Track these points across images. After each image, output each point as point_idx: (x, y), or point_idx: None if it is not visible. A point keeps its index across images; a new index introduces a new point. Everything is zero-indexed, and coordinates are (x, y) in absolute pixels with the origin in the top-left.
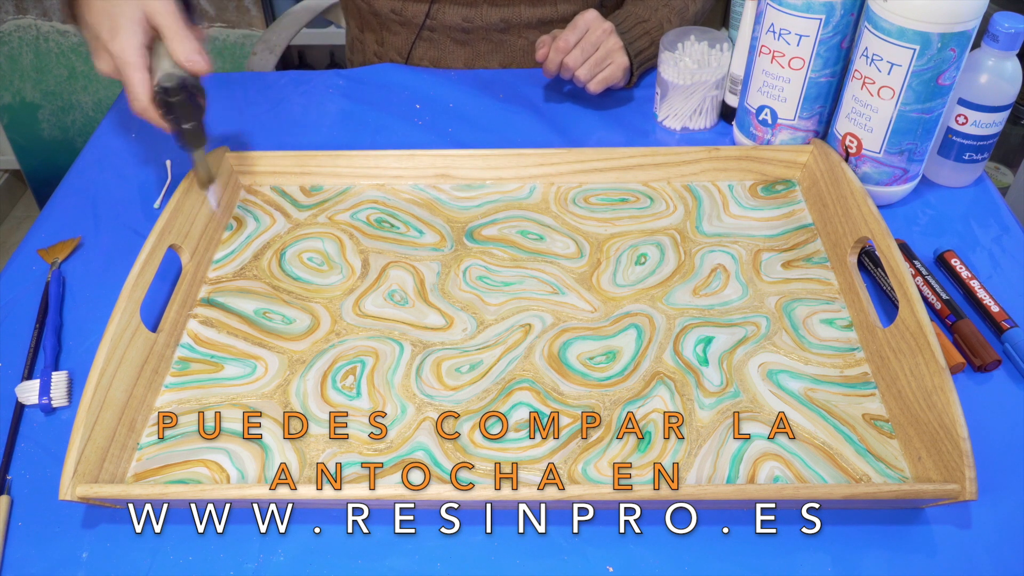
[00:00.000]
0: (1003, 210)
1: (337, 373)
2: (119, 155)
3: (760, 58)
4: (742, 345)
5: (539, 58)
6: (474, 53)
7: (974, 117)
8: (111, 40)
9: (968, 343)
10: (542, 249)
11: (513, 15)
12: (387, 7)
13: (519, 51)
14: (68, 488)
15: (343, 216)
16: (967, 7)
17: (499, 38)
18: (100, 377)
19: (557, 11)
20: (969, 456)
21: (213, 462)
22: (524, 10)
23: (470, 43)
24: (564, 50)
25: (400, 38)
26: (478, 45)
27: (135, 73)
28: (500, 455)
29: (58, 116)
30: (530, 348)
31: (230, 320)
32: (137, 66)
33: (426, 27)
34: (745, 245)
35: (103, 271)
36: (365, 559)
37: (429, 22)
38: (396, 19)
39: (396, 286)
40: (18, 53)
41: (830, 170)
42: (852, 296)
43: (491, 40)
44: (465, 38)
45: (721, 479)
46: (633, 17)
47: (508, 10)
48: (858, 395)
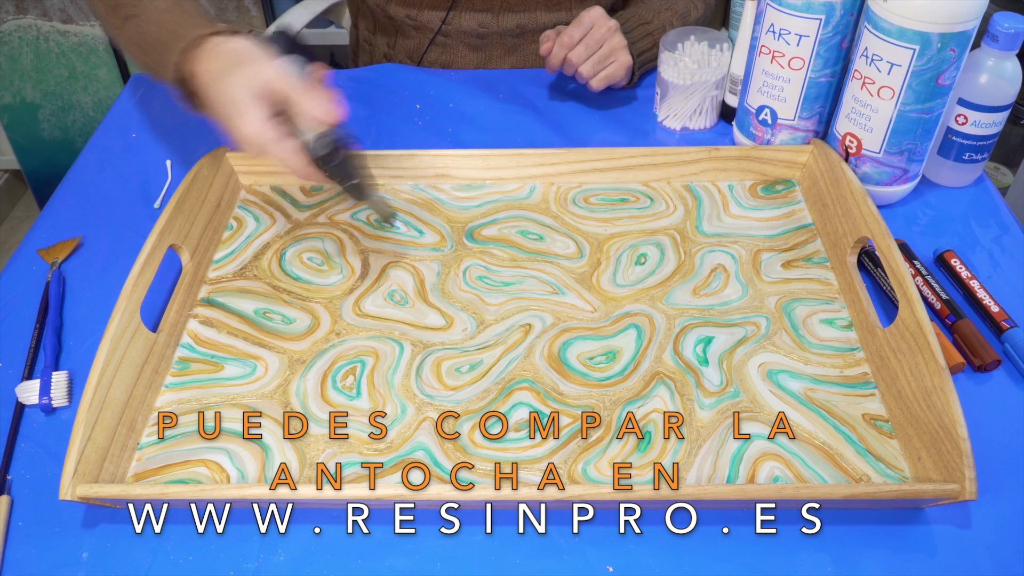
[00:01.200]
0: (1003, 210)
1: (337, 373)
2: (119, 155)
3: (760, 58)
4: (742, 345)
5: (543, 52)
6: (486, 57)
7: (974, 117)
8: (240, 125)
9: (968, 343)
10: (542, 249)
11: (529, 21)
12: (402, 12)
13: (531, 55)
14: (68, 488)
15: (343, 216)
16: (967, 7)
17: (512, 43)
18: (100, 377)
19: (572, 16)
20: (969, 456)
21: (213, 462)
22: (541, 15)
23: (483, 48)
24: (568, 45)
25: (413, 42)
26: (491, 50)
27: (277, 147)
28: (500, 455)
29: (58, 116)
30: (530, 348)
31: (230, 320)
32: (275, 140)
33: (441, 32)
34: (745, 245)
35: (103, 271)
36: (365, 559)
37: (444, 27)
38: (411, 24)
39: (396, 286)
40: (18, 53)
41: (830, 170)
42: (852, 296)
43: (504, 45)
44: (479, 43)
45: (721, 479)
46: (636, 18)
47: (524, 16)
48: (858, 395)
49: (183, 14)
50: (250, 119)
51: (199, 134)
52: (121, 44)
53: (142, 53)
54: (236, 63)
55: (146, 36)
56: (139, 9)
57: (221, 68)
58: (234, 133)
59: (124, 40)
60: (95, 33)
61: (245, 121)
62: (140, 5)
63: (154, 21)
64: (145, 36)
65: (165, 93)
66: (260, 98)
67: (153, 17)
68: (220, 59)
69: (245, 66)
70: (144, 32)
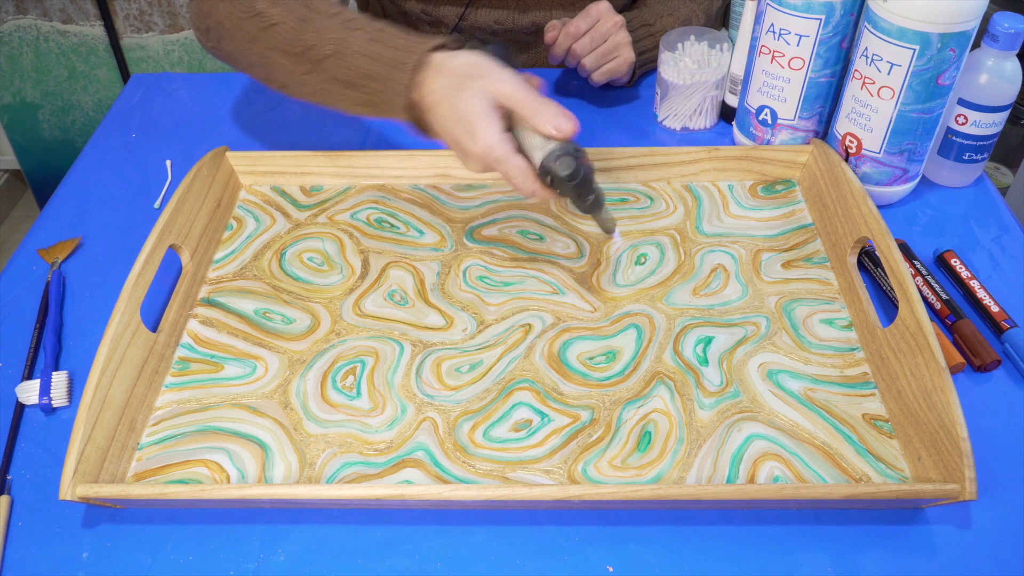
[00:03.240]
0: (1003, 210)
1: (337, 373)
2: (119, 155)
3: (760, 58)
4: (742, 345)
5: (547, 40)
6: None
7: (974, 117)
8: (472, 141)
9: (968, 343)
10: (542, 249)
11: (545, 19)
12: (418, 7)
13: (542, 55)
14: (68, 488)
15: (343, 216)
16: (967, 7)
17: (526, 41)
18: (100, 377)
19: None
20: (969, 456)
21: (213, 462)
22: (557, 14)
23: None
24: (574, 36)
25: None
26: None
27: (509, 163)
28: (500, 455)
29: (58, 116)
30: (530, 348)
31: (230, 320)
32: (508, 155)
33: (456, 28)
34: (745, 245)
35: (103, 271)
36: (365, 559)
37: (460, 24)
38: (426, 19)
39: (396, 286)
40: (18, 53)
41: (830, 170)
42: (852, 296)
43: (518, 43)
44: (493, 40)
45: (721, 479)
46: (638, 19)
47: (540, 14)
48: (858, 395)
49: (392, 37)
50: (488, 132)
51: (199, 134)
52: (312, 88)
53: (350, 88)
54: (468, 76)
55: (354, 70)
56: (337, 45)
57: (452, 83)
58: (467, 147)
59: (320, 82)
60: (95, 33)
61: (483, 135)
62: (338, 42)
63: (361, 52)
64: (353, 70)
65: (165, 93)
66: (492, 112)
67: (358, 48)
68: (450, 74)
69: (478, 79)
70: (350, 66)
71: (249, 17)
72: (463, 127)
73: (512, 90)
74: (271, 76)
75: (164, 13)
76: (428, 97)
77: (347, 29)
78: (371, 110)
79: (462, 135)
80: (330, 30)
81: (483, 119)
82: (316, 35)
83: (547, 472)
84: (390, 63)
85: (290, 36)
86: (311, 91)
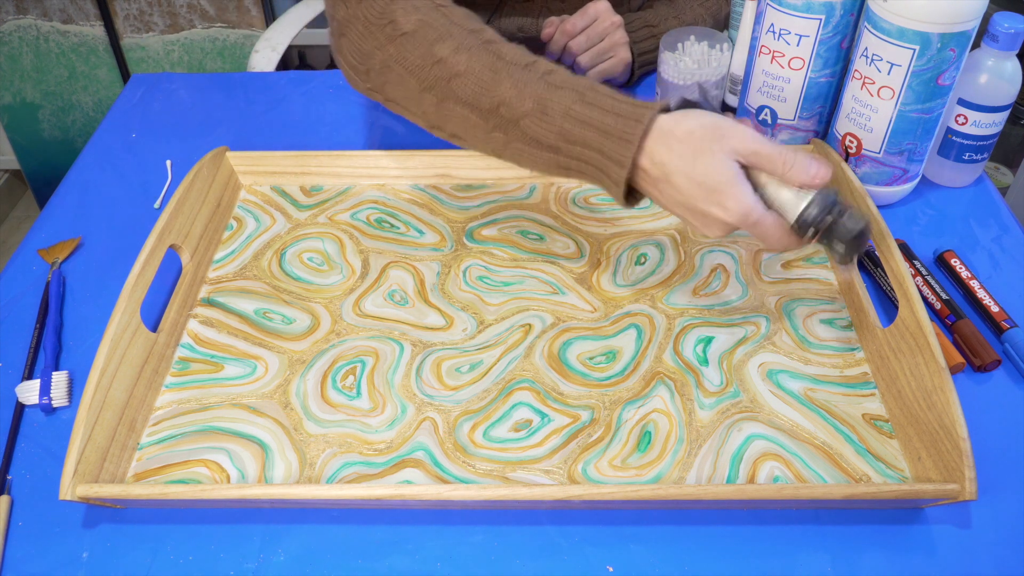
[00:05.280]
0: (1003, 210)
1: (337, 373)
2: (119, 155)
3: (760, 58)
4: (742, 345)
5: (544, 37)
6: None
7: (974, 117)
8: (723, 210)
9: (968, 343)
10: (542, 249)
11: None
12: None
13: None
14: (68, 488)
15: (343, 216)
16: (967, 7)
17: (544, 47)
18: (100, 377)
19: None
20: (969, 456)
21: (213, 462)
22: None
23: None
24: (570, 33)
25: None
26: None
27: (765, 224)
28: (500, 455)
29: (58, 116)
30: (530, 348)
31: (230, 320)
32: (763, 215)
33: None
34: (745, 245)
35: (103, 271)
36: (365, 559)
37: None
38: None
39: (396, 286)
40: (18, 53)
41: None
42: (852, 296)
43: (535, 49)
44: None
45: (721, 479)
46: (641, 20)
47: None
48: (858, 395)
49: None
50: (742, 198)
51: (199, 134)
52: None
53: (550, 151)
54: (706, 140)
55: (561, 134)
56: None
57: (687, 151)
58: (715, 215)
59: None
60: (95, 33)
61: (735, 202)
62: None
63: (570, 115)
64: (559, 134)
65: (165, 93)
66: (737, 174)
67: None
68: (683, 142)
69: (717, 141)
70: (555, 130)
71: (429, 65)
72: (710, 196)
73: (757, 146)
74: (444, 126)
75: (164, 13)
76: (655, 169)
77: (548, 85)
78: (574, 175)
79: (708, 204)
80: (527, 84)
81: (733, 185)
82: (511, 90)
83: (547, 472)
84: (613, 133)
85: (478, 89)
86: (498, 148)
